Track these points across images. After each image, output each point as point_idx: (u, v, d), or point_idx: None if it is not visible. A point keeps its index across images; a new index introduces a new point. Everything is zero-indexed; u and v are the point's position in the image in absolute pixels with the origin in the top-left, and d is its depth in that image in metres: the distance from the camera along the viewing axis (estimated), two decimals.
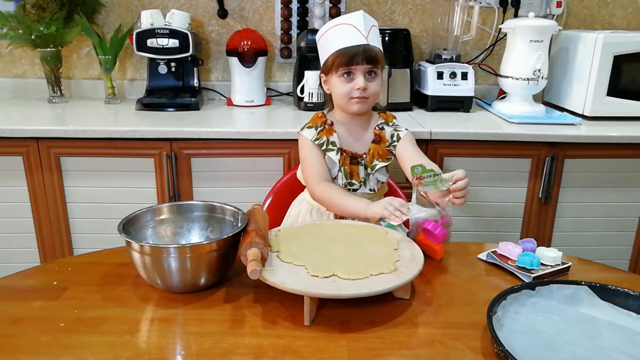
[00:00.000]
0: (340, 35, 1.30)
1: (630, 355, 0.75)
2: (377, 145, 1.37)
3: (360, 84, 1.28)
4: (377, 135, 1.38)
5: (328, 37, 1.33)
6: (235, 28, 2.22)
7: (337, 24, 1.31)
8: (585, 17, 2.29)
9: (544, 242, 1.90)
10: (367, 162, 1.36)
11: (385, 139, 1.38)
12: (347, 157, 1.35)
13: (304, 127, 1.38)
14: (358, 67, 1.28)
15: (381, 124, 1.40)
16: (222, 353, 0.79)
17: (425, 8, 2.26)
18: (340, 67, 1.29)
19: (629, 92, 1.96)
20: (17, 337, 0.82)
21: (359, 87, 1.29)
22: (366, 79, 1.30)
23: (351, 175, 1.35)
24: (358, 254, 0.98)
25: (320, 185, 1.31)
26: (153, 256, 0.91)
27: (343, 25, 1.30)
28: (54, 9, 2.02)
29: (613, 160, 1.84)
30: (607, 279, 0.95)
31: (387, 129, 1.39)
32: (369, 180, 1.37)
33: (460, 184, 1.09)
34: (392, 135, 1.38)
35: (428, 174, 1.10)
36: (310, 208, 1.41)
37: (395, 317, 0.88)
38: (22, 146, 1.73)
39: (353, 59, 1.27)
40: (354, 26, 1.29)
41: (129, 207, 1.11)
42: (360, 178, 1.36)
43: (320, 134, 1.35)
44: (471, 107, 2.08)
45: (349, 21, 1.30)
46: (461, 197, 1.11)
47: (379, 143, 1.37)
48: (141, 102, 2.02)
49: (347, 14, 1.32)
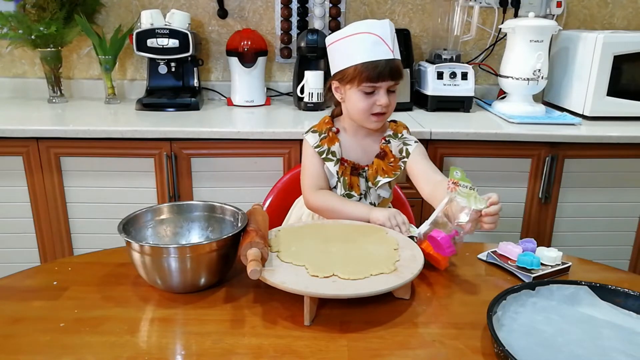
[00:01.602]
0: (366, 47, 1.21)
1: (630, 355, 0.75)
2: (381, 161, 1.30)
3: (383, 101, 1.22)
4: (382, 150, 1.31)
5: (349, 45, 1.23)
6: (235, 28, 2.22)
7: (361, 32, 1.21)
8: (585, 17, 2.29)
9: (544, 242, 1.90)
10: (369, 175, 1.30)
11: (390, 155, 1.30)
12: (348, 167, 1.30)
13: (309, 131, 1.34)
14: (383, 83, 1.22)
15: (388, 136, 1.32)
16: (222, 353, 0.79)
17: (425, 8, 2.26)
18: (363, 82, 1.21)
19: (629, 92, 1.96)
20: (17, 337, 0.82)
21: (381, 104, 1.23)
22: (388, 96, 1.24)
23: (351, 186, 1.30)
24: (358, 254, 0.98)
25: (316, 194, 1.28)
26: (153, 256, 0.91)
27: (368, 34, 1.21)
28: (54, 9, 2.02)
29: (613, 160, 1.84)
30: (607, 279, 0.95)
31: (393, 143, 1.31)
32: (369, 193, 1.32)
33: (494, 209, 0.99)
34: (401, 150, 1.30)
35: (466, 183, 1.00)
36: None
37: (395, 317, 0.88)
38: (22, 146, 1.73)
39: (379, 75, 1.20)
40: (381, 38, 1.20)
41: (129, 207, 1.11)
42: (360, 190, 1.31)
43: (323, 141, 1.30)
44: (471, 107, 2.08)
45: (376, 31, 1.21)
46: (492, 223, 1.00)
47: (383, 158, 1.30)
48: (141, 102, 2.02)
49: (371, 21, 1.23)
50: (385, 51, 1.21)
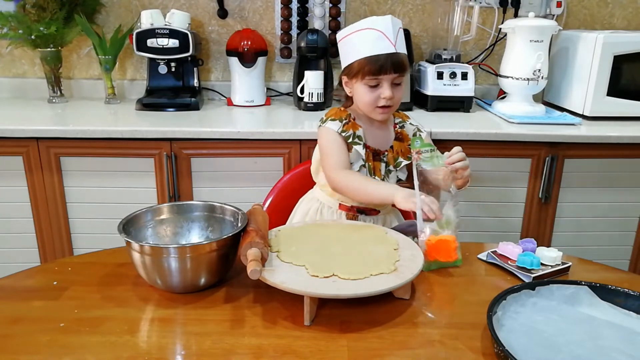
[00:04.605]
0: (368, 41, 1.26)
1: (630, 355, 0.75)
2: (401, 143, 1.38)
3: (387, 93, 1.27)
4: (398, 133, 1.39)
5: (354, 41, 1.29)
6: (235, 28, 2.22)
7: (364, 28, 1.27)
8: (585, 17, 2.29)
9: (544, 242, 1.90)
10: (389, 159, 1.36)
11: (407, 137, 1.39)
12: (370, 153, 1.34)
13: (326, 120, 1.34)
14: (385, 76, 1.26)
15: (400, 122, 1.40)
16: (222, 353, 0.79)
17: (425, 8, 2.26)
18: (366, 76, 1.27)
19: (629, 92, 1.96)
20: (17, 337, 0.82)
21: (385, 97, 1.27)
22: (392, 87, 1.28)
23: (374, 171, 1.35)
24: (358, 254, 0.98)
25: (342, 172, 1.29)
26: (153, 256, 0.91)
27: (371, 30, 1.26)
28: (54, 9, 2.02)
29: (613, 160, 1.84)
30: (607, 279, 0.95)
31: (407, 127, 1.40)
32: (388, 177, 1.37)
33: (455, 157, 1.12)
34: (415, 134, 1.39)
35: (426, 148, 1.10)
36: (320, 207, 1.41)
37: (395, 317, 0.88)
38: (22, 146, 1.73)
39: (381, 69, 1.25)
40: (383, 33, 1.26)
41: (129, 207, 1.11)
42: (381, 175, 1.36)
43: (347, 126, 1.32)
44: (471, 107, 2.08)
45: (378, 26, 1.26)
46: (461, 179, 1.13)
47: (402, 141, 1.38)
48: (141, 102, 2.02)
49: (374, 17, 1.28)
50: (387, 45, 1.26)
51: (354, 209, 1.38)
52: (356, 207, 1.37)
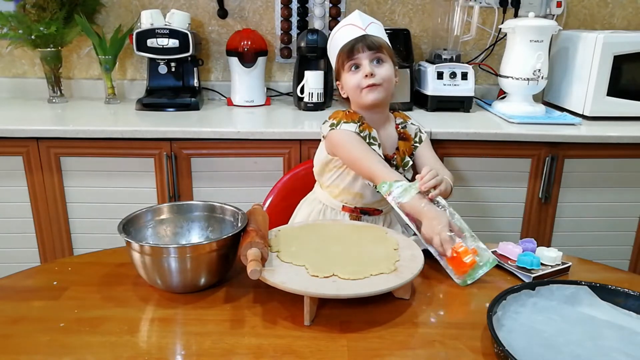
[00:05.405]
0: (341, 36, 1.35)
1: (630, 355, 0.75)
2: (406, 142, 1.39)
3: (367, 69, 1.29)
4: (402, 133, 1.40)
5: (332, 43, 1.38)
6: (235, 28, 2.22)
7: (338, 29, 1.37)
8: (585, 17, 2.29)
9: (544, 242, 1.90)
10: (398, 161, 1.37)
11: (410, 137, 1.41)
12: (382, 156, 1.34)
13: (339, 123, 1.31)
14: (360, 55, 1.30)
15: (402, 123, 1.41)
16: (222, 353, 0.79)
17: (425, 8, 2.26)
18: (345, 62, 1.32)
19: (629, 92, 1.96)
20: (17, 337, 0.82)
21: (366, 74, 1.28)
22: (374, 66, 1.30)
23: None
24: (358, 254, 0.98)
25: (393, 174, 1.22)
26: (153, 256, 0.91)
27: (343, 27, 1.36)
28: (54, 9, 2.02)
29: (613, 160, 1.84)
30: (607, 279, 0.95)
31: (409, 127, 1.42)
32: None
33: (430, 183, 1.10)
34: (416, 134, 1.42)
35: (396, 185, 1.14)
36: (323, 208, 1.40)
37: (395, 317, 0.88)
38: (22, 146, 1.73)
39: (353, 48, 1.30)
40: (352, 24, 1.34)
41: (129, 207, 1.11)
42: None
43: (362, 127, 1.31)
44: (471, 107, 2.08)
45: (347, 22, 1.36)
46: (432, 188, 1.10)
47: (406, 140, 1.40)
48: (141, 102, 2.02)
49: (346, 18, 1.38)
50: (357, 31, 1.32)
51: (357, 211, 1.37)
52: (359, 208, 1.37)
